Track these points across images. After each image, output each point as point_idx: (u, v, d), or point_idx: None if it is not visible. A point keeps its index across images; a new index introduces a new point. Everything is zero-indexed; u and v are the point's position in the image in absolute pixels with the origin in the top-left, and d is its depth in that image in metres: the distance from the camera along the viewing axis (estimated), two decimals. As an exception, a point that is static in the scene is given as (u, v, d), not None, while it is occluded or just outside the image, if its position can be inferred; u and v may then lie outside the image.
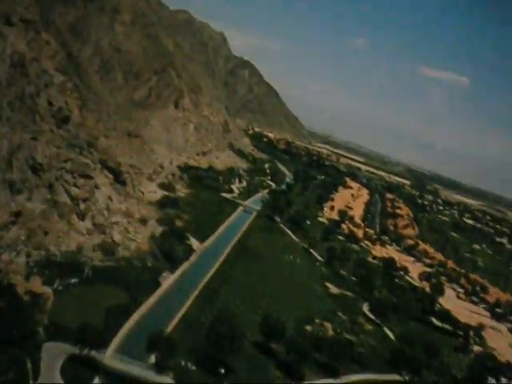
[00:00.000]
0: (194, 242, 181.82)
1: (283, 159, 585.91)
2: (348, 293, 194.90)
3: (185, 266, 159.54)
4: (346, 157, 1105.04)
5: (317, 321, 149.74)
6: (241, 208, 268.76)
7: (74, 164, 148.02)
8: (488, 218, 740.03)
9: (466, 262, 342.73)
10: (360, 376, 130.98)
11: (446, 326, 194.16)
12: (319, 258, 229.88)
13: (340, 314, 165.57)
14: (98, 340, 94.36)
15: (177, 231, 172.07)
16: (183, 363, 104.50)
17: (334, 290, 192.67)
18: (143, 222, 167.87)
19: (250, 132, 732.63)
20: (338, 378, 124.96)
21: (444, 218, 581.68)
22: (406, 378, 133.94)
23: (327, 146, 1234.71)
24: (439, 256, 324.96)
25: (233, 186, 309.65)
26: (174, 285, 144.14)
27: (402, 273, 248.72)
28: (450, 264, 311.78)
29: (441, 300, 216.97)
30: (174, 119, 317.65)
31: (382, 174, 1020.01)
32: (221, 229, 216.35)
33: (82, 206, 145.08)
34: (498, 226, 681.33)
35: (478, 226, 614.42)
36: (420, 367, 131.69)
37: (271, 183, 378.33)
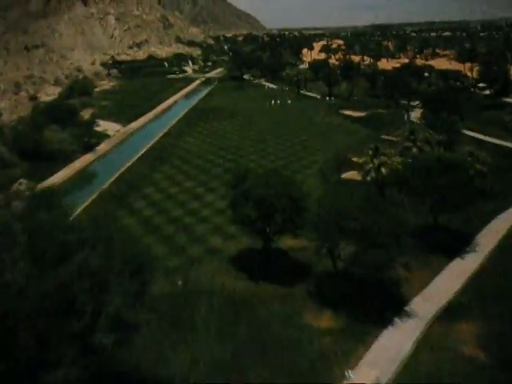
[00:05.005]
0: (109, 126, 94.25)
1: (244, 44, 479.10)
2: (380, 110, 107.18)
3: (79, 162, 72.87)
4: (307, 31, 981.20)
5: (355, 160, 64.14)
6: (198, 81, 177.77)
7: None
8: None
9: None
10: None
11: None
12: (316, 96, 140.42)
13: (387, 136, 79.35)
14: None
15: (60, 113, 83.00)
16: None
17: (356, 114, 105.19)
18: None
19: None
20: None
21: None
22: None
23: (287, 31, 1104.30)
24: (452, 52, 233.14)
25: (186, 68, 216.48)
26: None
27: (426, 74, 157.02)
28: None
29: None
30: (86, 17, 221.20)
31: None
32: (165, 104, 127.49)
33: None
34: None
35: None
36: None
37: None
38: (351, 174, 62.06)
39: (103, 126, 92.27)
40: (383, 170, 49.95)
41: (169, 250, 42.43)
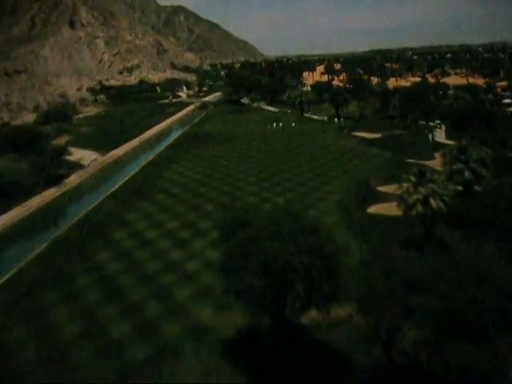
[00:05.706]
0: (85, 155, 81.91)
1: (242, 70, 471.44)
2: (397, 131, 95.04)
3: (39, 198, 60.01)
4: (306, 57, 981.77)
5: (382, 189, 51.67)
6: (192, 106, 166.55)
7: None
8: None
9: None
10: None
11: None
12: (322, 118, 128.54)
13: (413, 160, 66.80)
14: None
15: (20, 139, 70.66)
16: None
17: (371, 136, 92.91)
18: None
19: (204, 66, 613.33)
20: None
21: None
22: None
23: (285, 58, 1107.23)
24: (464, 72, 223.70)
25: (180, 93, 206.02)
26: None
27: (441, 93, 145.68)
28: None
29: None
30: (74, 41, 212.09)
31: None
32: (153, 130, 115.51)
33: None
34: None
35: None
36: None
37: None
38: (380, 208, 49.22)
39: (77, 154, 79.98)
40: (433, 202, 37.01)
41: (133, 329, 29.16)
